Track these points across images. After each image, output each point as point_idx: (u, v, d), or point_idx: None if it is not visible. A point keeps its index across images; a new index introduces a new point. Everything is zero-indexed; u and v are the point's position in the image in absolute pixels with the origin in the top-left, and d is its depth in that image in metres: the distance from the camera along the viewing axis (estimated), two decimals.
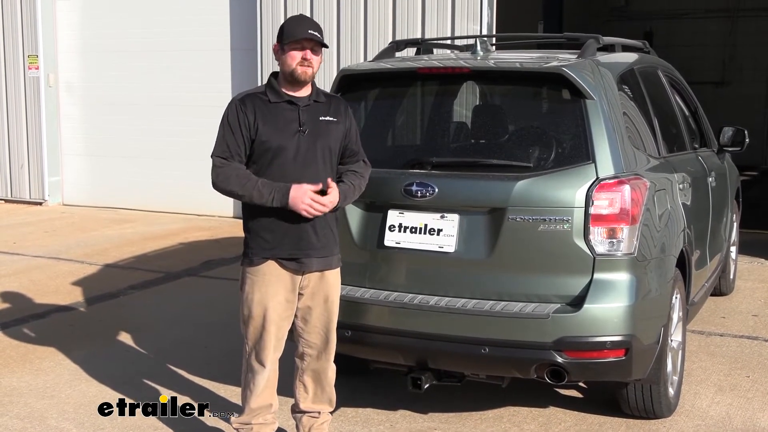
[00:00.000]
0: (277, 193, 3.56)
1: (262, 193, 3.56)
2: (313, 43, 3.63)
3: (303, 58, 3.62)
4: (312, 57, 3.63)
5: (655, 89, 5.18)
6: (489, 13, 9.00)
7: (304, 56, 3.62)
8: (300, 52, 3.62)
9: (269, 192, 3.57)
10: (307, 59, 3.62)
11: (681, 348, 4.60)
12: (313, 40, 3.61)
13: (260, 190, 3.57)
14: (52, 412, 4.56)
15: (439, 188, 4.04)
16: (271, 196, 3.56)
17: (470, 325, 3.91)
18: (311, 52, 3.63)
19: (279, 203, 3.56)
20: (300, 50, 3.62)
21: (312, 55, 3.63)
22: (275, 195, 3.56)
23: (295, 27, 3.64)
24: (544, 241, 3.89)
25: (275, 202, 3.56)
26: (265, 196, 3.56)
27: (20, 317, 6.26)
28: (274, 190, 3.57)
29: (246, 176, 3.61)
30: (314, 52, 3.64)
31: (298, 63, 3.62)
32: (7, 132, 11.83)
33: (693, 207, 4.92)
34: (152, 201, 11.14)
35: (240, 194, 3.61)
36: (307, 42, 3.62)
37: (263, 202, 3.58)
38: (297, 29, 3.63)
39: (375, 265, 4.23)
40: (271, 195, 3.56)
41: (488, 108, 4.83)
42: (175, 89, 10.97)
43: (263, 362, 3.77)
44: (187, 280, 7.49)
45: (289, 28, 3.64)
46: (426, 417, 4.45)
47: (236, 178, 3.60)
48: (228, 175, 3.61)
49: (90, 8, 11.45)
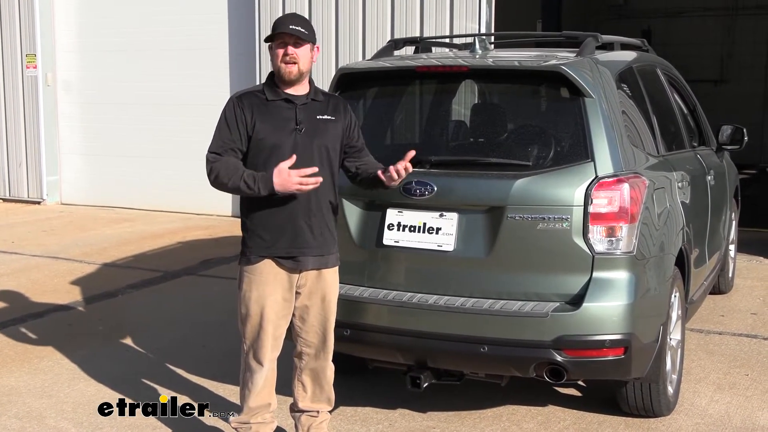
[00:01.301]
0: (261, 182, 3.54)
1: (248, 183, 3.55)
2: (294, 37, 3.59)
3: (284, 54, 3.60)
4: (294, 51, 3.60)
5: (654, 87, 5.18)
6: (487, 12, 9.00)
7: (286, 51, 3.59)
8: (282, 49, 3.61)
9: (253, 182, 3.55)
10: (289, 54, 3.59)
11: (680, 346, 4.59)
12: (292, 34, 3.58)
13: (246, 181, 3.55)
14: (50, 411, 4.55)
15: (438, 187, 4.03)
16: (255, 185, 3.54)
17: (469, 323, 3.90)
18: (293, 47, 3.60)
19: (266, 191, 3.54)
20: (282, 46, 3.61)
21: (294, 50, 3.60)
22: (260, 185, 3.54)
23: (277, 24, 3.64)
24: (543, 240, 3.89)
25: (262, 191, 3.55)
26: (250, 186, 3.55)
27: (18, 316, 6.25)
28: (257, 179, 3.55)
29: (234, 169, 3.58)
30: (297, 45, 3.60)
31: (281, 60, 3.61)
32: (5, 131, 11.83)
33: (692, 205, 4.92)
34: (151, 200, 11.14)
35: (230, 187, 3.60)
36: (288, 37, 3.59)
37: (251, 194, 3.57)
38: (278, 25, 3.62)
39: (374, 263, 4.23)
40: (255, 185, 3.54)
41: (487, 106, 4.82)
42: (174, 89, 10.96)
43: (261, 361, 3.76)
44: (185, 279, 7.49)
45: (273, 26, 3.65)
46: (425, 416, 4.45)
47: (225, 171, 3.59)
48: (219, 168, 3.60)
49: (88, 7, 11.44)
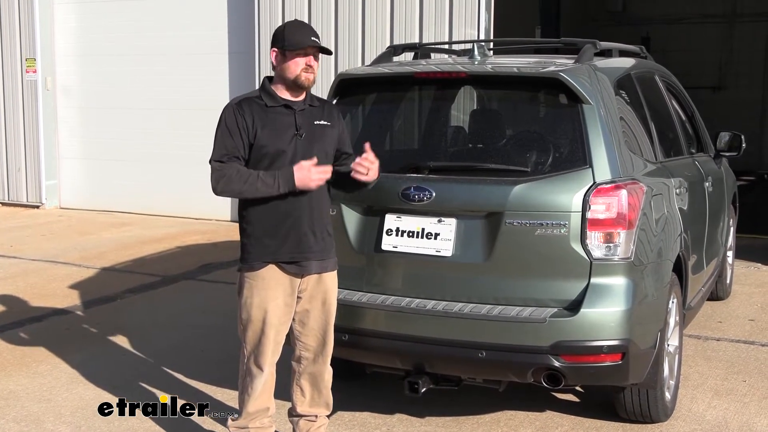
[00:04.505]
0: (282, 179, 3.59)
1: (267, 183, 3.58)
2: (315, 50, 3.67)
3: (307, 65, 3.66)
4: (314, 63, 3.69)
5: (652, 94, 5.19)
6: (486, 18, 9.02)
7: (308, 63, 3.66)
8: (303, 59, 3.66)
9: (273, 180, 3.59)
10: (310, 66, 3.67)
11: (678, 352, 4.60)
12: (316, 47, 3.66)
13: (264, 180, 3.59)
14: (48, 415, 4.55)
15: (437, 192, 4.04)
16: (276, 183, 3.58)
17: (467, 329, 3.91)
18: (313, 59, 3.68)
19: (286, 188, 3.59)
20: (303, 56, 3.66)
21: (314, 62, 3.69)
22: (280, 181, 3.59)
23: (297, 34, 3.66)
24: (541, 246, 3.90)
25: (282, 188, 3.59)
26: (270, 185, 3.58)
27: (17, 320, 6.26)
28: (277, 176, 3.59)
29: (247, 172, 3.62)
30: (316, 58, 3.69)
31: (302, 70, 3.66)
32: (5, 135, 11.83)
33: (690, 212, 4.93)
34: (149, 204, 11.14)
35: (245, 191, 3.62)
36: (311, 49, 3.66)
37: (270, 192, 3.59)
38: (300, 37, 3.65)
39: (372, 269, 4.23)
40: (276, 182, 3.58)
41: (485, 112, 4.84)
42: (173, 93, 10.97)
43: (262, 366, 3.77)
44: (184, 284, 7.49)
45: (291, 35, 3.66)
46: (423, 421, 4.45)
47: (238, 176, 3.60)
48: (228, 175, 3.61)
49: (88, 12, 11.46)
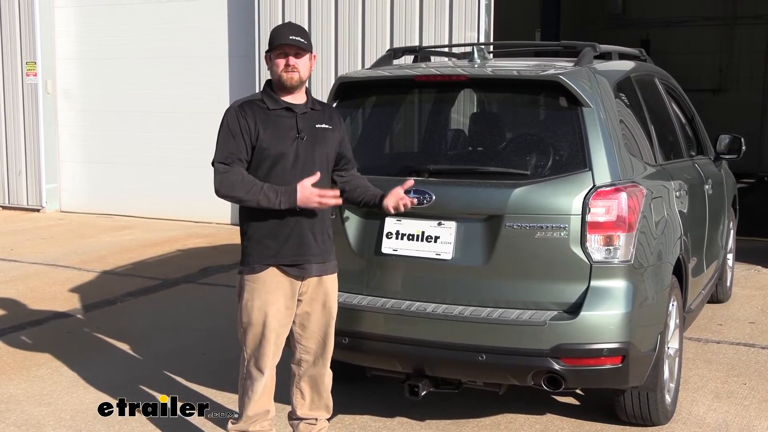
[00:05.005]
0: (284, 196, 3.58)
1: (269, 197, 3.58)
2: (296, 48, 3.66)
3: (286, 65, 3.66)
4: (296, 62, 3.67)
5: (652, 97, 5.20)
6: (486, 21, 9.03)
7: (287, 62, 3.66)
8: (283, 59, 3.67)
9: (275, 196, 3.58)
10: (290, 65, 3.66)
11: (678, 355, 4.60)
12: (294, 45, 3.65)
13: (266, 194, 3.59)
14: (49, 419, 4.55)
15: (437, 195, 4.04)
16: (278, 199, 3.58)
17: (467, 332, 3.91)
18: (294, 57, 3.67)
19: (287, 205, 3.59)
20: (283, 57, 3.67)
21: (295, 60, 3.67)
22: (282, 198, 3.58)
23: (277, 34, 3.70)
24: (541, 249, 3.90)
25: (283, 204, 3.59)
26: (272, 200, 3.58)
27: (17, 324, 6.25)
28: (279, 193, 3.59)
29: (251, 181, 3.61)
30: (298, 56, 3.68)
31: (282, 69, 3.67)
32: (5, 138, 11.84)
33: (690, 214, 4.93)
34: (150, 208, 11.14)
35: (246, 200, 3.61)
36: (289, 48, 3.66)
37: (270, 206, 3.59)
38: (278, 36, 3.68)
39: (372, 272, 4.23)
40: (278, 198, 3.58)
41: (485, 115, 4.84)
42: (173, 96, 10.98)
43: (262, 369, 3.76)
44: (184, 287, 7.49)
45: (272, 37, 3.70)
46: (423, 424, 4.45)
47: (241, 184, 3.60)
48: (232, 181, 3.61)
49: (88, 15, 11.47)
